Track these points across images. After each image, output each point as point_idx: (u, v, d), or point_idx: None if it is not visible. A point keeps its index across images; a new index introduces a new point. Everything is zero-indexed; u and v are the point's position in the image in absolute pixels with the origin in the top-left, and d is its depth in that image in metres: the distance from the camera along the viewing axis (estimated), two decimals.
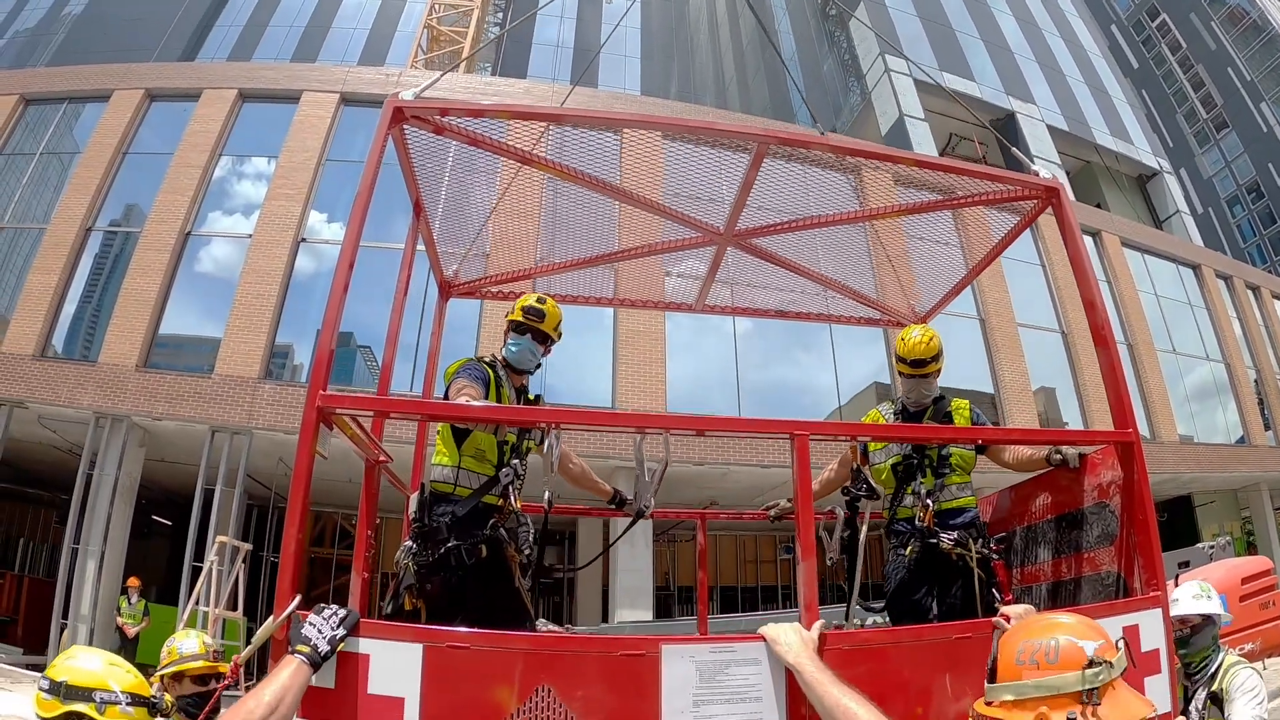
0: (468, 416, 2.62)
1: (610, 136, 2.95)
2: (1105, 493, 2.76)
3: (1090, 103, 26.20)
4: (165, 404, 11.74)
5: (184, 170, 13.51)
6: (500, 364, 3.04)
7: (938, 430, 3.18)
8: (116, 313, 12.45)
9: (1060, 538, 3.04)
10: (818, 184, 3.23)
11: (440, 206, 3.26)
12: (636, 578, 12.09)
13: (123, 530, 12.00)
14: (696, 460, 12.24)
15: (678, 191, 3.32)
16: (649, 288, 4.09)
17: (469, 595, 2.64)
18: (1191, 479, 17.80)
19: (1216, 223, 44.09)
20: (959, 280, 3.83)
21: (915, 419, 3.36)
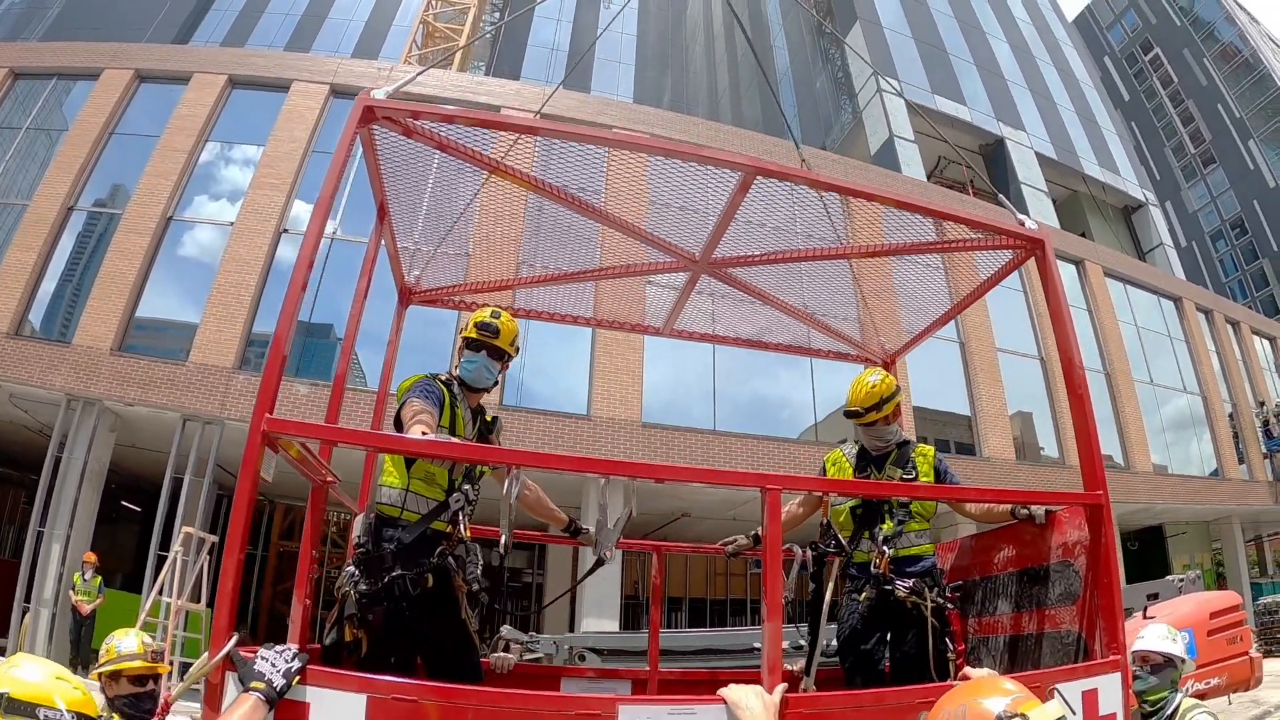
0: (419, 452, 2.46)
1: (598, 151, 2.90)
2: (1070, 552, 2.76)
3: (1080, 132, 26.47)
4: (138, 389, 11.57)
5: (169, 154, 13.37)
6: (456, 382, 2.90)
7: (909, 488, 3.13)
8: (94, 295, 12.28)
9: (1021, 592, 3.03)
10: (801, 206, 3.19)
11: (407, 210, 3.19)
12: (605, 587, 12.05)
13: (89, 515, 11.82)
14: None
15: (667, 201, 3.26)
16: (627, 307, 4.03)
17: (413, 627, 2.52)
18: (1164, 509, 17.97)
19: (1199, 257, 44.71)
20: (932, 321, 3.82)
21: (877, 463, 3.32)
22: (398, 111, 2.41)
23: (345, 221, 12.82)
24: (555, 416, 12.38)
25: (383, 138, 2.64)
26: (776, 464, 13.02)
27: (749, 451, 12.99)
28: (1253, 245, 45.26)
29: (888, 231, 3.20)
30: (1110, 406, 17.97)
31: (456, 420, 2.77)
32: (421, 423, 2.49)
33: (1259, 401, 21.91)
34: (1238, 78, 46.62)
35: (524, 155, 2.86)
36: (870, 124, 22.37)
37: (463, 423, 2.80)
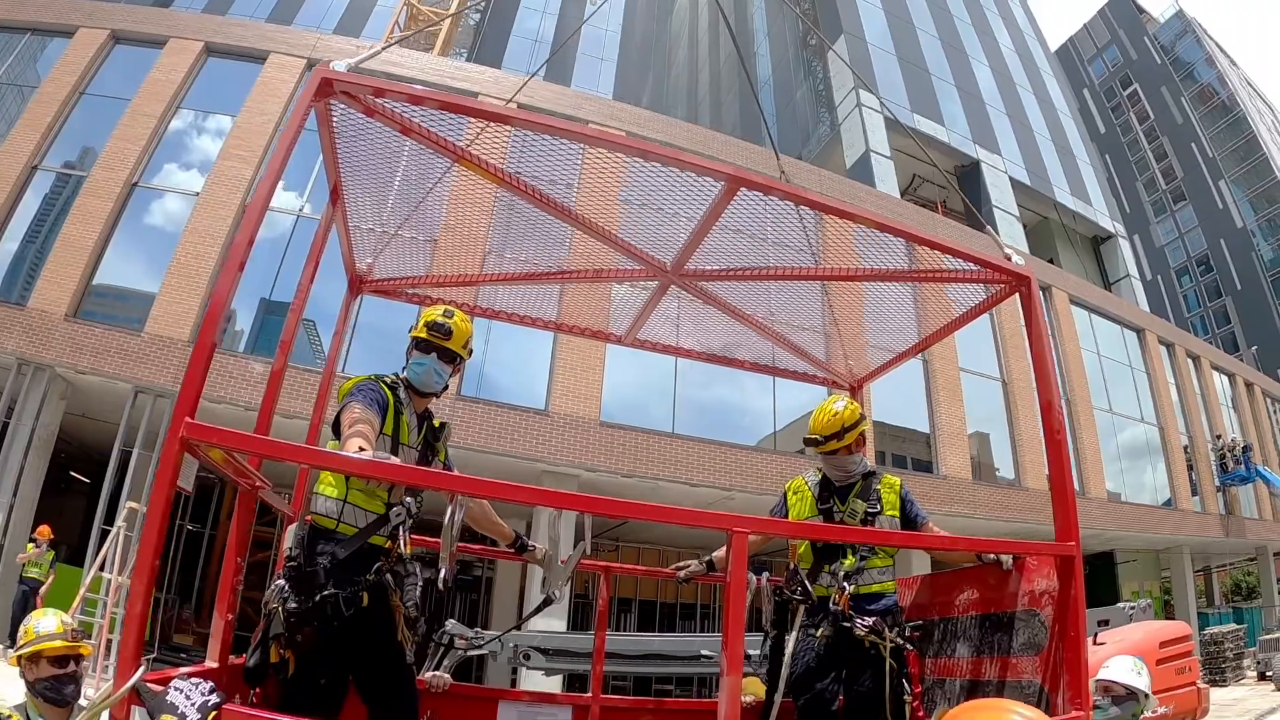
0: (350, 471, 2.21)
1: (573, 145, 2.76)
2: (1037, 601, 2.71)
3: (1054, 160, 26.89)
4: (91, 357, 11.29)
5: (139, 118, 13.05)
6: (402, 384, 2.71)
7: (876, 535, 3.01)
8: (52, 258, 11.97)
9: (982, 637, 2.97)
10: (775, 218, 3.07)
11: (363, 194, 3.05)
12: None
13: (34, 484, 11.52)
14: (625, 472, 12.14)
15: (642, 202, 3.10)
16: (589, 311, 3.93)
17: (344, 649, 2.38)
18: (1116, 536, 18.27)
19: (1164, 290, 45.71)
20: (904, 349, 3.76)
21: (840, 494, 3.19)
22: (358, 87, 2.26)
23: (314, 198, 12.61)
24: (513, 410, 12.26)
25: (343, 115, 2.48)
26: (734, 471, 13.01)
27: (707, 457, 12.96)
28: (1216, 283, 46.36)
29: (862, 253, 3.12)
30: (1070, 432, 18.29)
31: (401, 426, 2.60)
32: (359, 434, 2.30)
33: (1215, 435, 22.38)
34: (1214, 118, 47.76)
35: (496, 146, 2.71)
36: (848, 137, 22.51)
37: (407, 429, 2.63)
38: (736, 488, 12.80)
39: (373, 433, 2.38)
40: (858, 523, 3.07)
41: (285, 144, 2.19)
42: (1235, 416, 24.10)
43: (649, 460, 12.25)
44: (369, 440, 2.30)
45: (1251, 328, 43.09)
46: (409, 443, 2.63)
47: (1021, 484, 16.66)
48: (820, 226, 3.25)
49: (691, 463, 12.43)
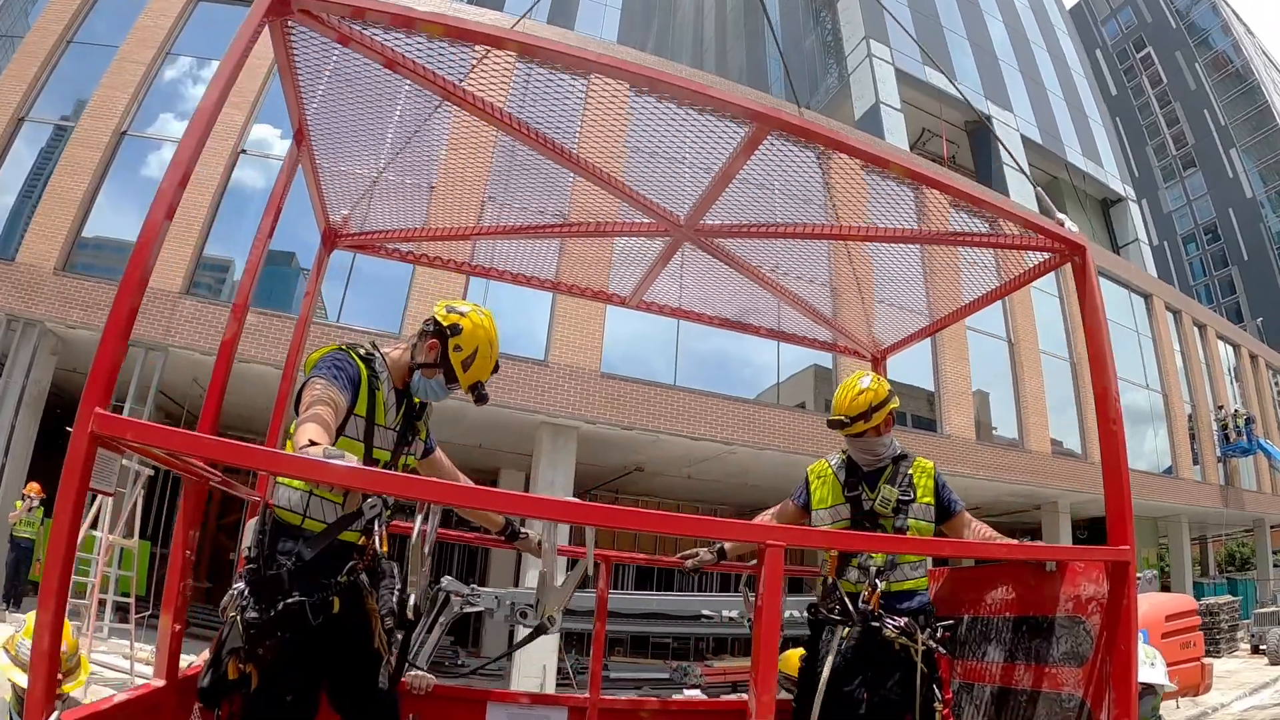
0: (310, 476, 1.82)
1: (577, 84, 2.44)
2: (1083, 607, 2.47)
3: (1066, 119, 26.37)
4: (81, 311, 11.02)
5: (127, 65, 12.61)
6: (379, 355, 2.35)
7: (916, 543, 2.69)
8: (39, 211, 11.66)
9: (1017, 641, 2.73)
10: (792, 170, 2.72)
11: (336, 135, 2.72)
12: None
13: (27, 441, 11.34)
14: (625, 424, 11.95)
15: (653, 150, 2.74)
16: (590, 269, 3.61)
17: (314, 660, 2.09)
18: None
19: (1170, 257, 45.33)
20: (934, 320, 3.47)
21: (869, 480, 2.90)
22: (327, 6, 1.93)
23: None
24: (512, 360, 12.03)
25: (308, 41, 2.16)
26: (736, 425, 12.80)
27: (708, 409, 12.76)
28: (1223, 252, 46.01)
29: (894, 213, 2.80)
30: (1073, 395, 18.13)
31: (377, 405, 2.25)
32: (314, 421, 1.94)
33: (1218, 405, 22.26)
34: (1227, 86, 46.98)
35: (494, 84, 2.37)
36: (857, 89, 22.00)
37: (384, 408, 2.28)
38: (738, 441, 12.63)
39: (333, 416, 2.03)
40: (889, 511, 2.81)
41: (225, 73, 1.85)
42: (1238, 388, 23.95)
43: (650, 412, 12.03)
44: (326, 427, 1.95)
45: (1256, 299, 42.81)
46: (386, 423, 2.29)
47: (1025, 445, 16.53)
48: (828, 185, 2.91)
49: (693, 415, 12.22)
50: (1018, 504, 18.27)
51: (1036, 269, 2.87)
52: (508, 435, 12.82)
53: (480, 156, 2.95)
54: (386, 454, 2.29)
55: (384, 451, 2.28)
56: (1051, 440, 17.25)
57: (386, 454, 2.29)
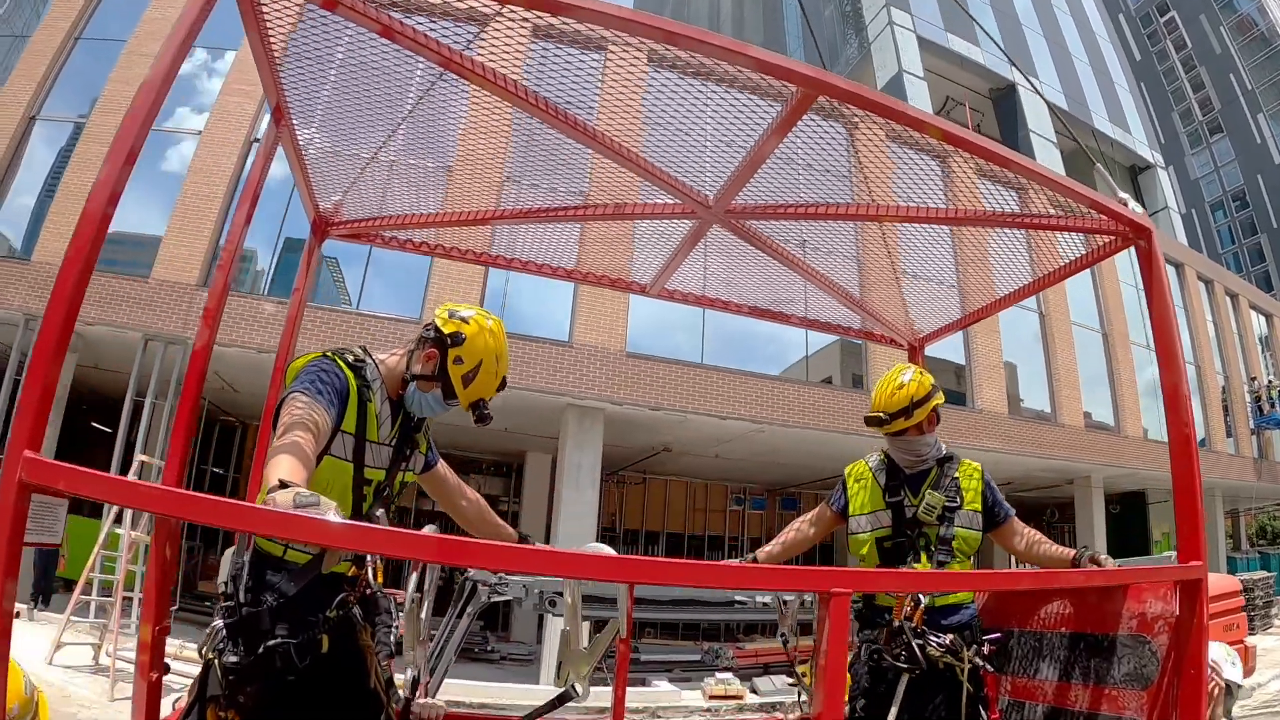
0: (273, 534, 1.61)
1: (590, 59, 2.20)
2: (1148, 626, 2.29)
3: (1092, 85, 25.68)
4: (98, 308, 10.94)
5: (136, 59, 12.48)
6: (371, 362, 2.08)
7: (988, 578, 2.53)
8: (53, 209, 11.61)
9: (1073, 659, 2.53)
10: (822, 150, 2.47)
11: (322, 112, 2.52)
12: (579, 524, 11.67)
13: (50, 440, 11.27)
14: (652, 405, 11.78)
15: (677, 126, 2.49)
16: (609, 254, 3.40)
17: (303, 705, 1.85)
18: (1149, 476, 17.88)
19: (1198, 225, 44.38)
20: (978, 308, 3.27)
21: (911, 484, 2.68)
22: None
23: None
24: (535, 342, 11.85)
25: (279, 5, 1.96)
26: (765, 403, 12.54)
27: (737, 388, 12.55)
28: (1252, 219, 45.03)
29: (924, 191, 2.58)
30: (1105, 367, 17.72)
31: (368, 419, 2.00)
32: (291, 451, 1.65)
33: (1250, 377, 21.80)
34: (1253, 50, 45.83)
35: (501, 55, 2.12)
36: (879, 58, 21.50)
37: (376, 422, 2.02)
38: (767, 420, 12.42)
39: (313, 442, 1.76)
40: (934, 519, 2.60)
41: (171, 49, 1.63)
42: (1271, 359, 23.39)
43: (677, 392, 11.83)
44: (302, 459, 1.66)
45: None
46: (379, 439, 2.04)
47: (1057, 419, 16.18)
48: (857, 159, 2.65)
49: (721, 394, 12.00)
50: (1050, 479, 17.95)
51: (1096, 253, 2.64)
52: (533, 418, 12.70)
53: (489, 133, 2.71)
54: (380, 473, 2.04)
55: (377, 470, 2.03)
56: (1084, 413, 16.88)
57: (380, 473, 2.04)
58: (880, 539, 2.66)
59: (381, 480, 2.05)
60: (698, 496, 19.61)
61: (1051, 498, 21.02)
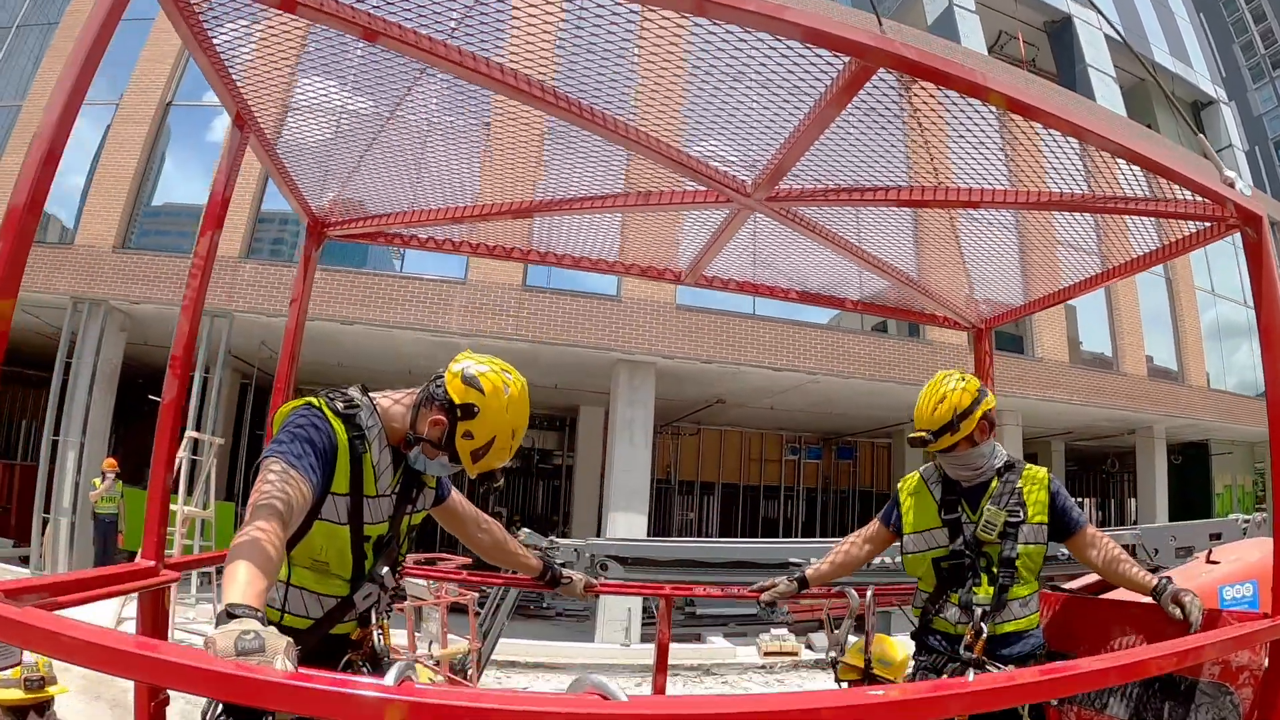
0: (209, 695, 1.40)
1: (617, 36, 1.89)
2: (1233, 676, 2.11)
3: (1151, 17, 24.31)
4: (143, 286, 11.14)
5: (164, 36, 12.44)
6: (366, 406, 1.85)
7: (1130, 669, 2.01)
8: (93, 192, 11.79)
9: (1146, 699, 2.35)
10: (889, 114, 2.18)
11: (300, 109, 2.35)
12: (633, 478, 11.64)
13: (104, 418, 11.61)
14: (705, 358, 11.62)
15: (708, 100, 2.21)
16: (647, 238, 3.18)
17: None
18: (1212, 426, 17.27)
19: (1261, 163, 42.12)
20: (1056, 290, 3.04)
21: (969, 498, 2.45)
22: None
23: None
24: (584, 297, 11.69)
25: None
26: (819, 353, 12.26)
27: (790, 338, 12.31)
28: None
29: (978, 163, 2.25)
30: (1169, 313, 16.98)
31: (364, 475, 1.79)
32: (253, 551, 1.40)
33: None
34: None
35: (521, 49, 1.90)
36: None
37: (373, 476, 1.82)
38: (820, 370, 12.19)
39: (281, 529, 1.50)
40: (995, 537, 2.37)
41: (85, 45, 1.45)
42: None
43: (729, 344, 11.64)
44: (263, 564, 1.39)
45: None
46: (377, 492, 1.84)
47: (1119, 368, 15.59)
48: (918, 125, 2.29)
49: (774, 345, 11.79)
50: (1111, 429, 17.44)
51: (1195, 237, 2.37)
52: (584, 374, 12.68)
53: (507, 122, 2.46)
54: (382, 527, 1.85)
55: (378, 526, 1.84)
56: (1146, 358, 16.24)
57: (382, 527, 1.85)
58: (937, 559, 2.45)
59: (385, 533, 1.86)
60: (753, 447, 19.51)
61: (1113, 447, 20.43)
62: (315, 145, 2.48)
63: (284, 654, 1.12)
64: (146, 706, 1.92)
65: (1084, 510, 25.52)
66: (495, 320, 10.76)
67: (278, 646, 1.13)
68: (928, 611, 2.46)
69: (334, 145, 2.47)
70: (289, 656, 1.13)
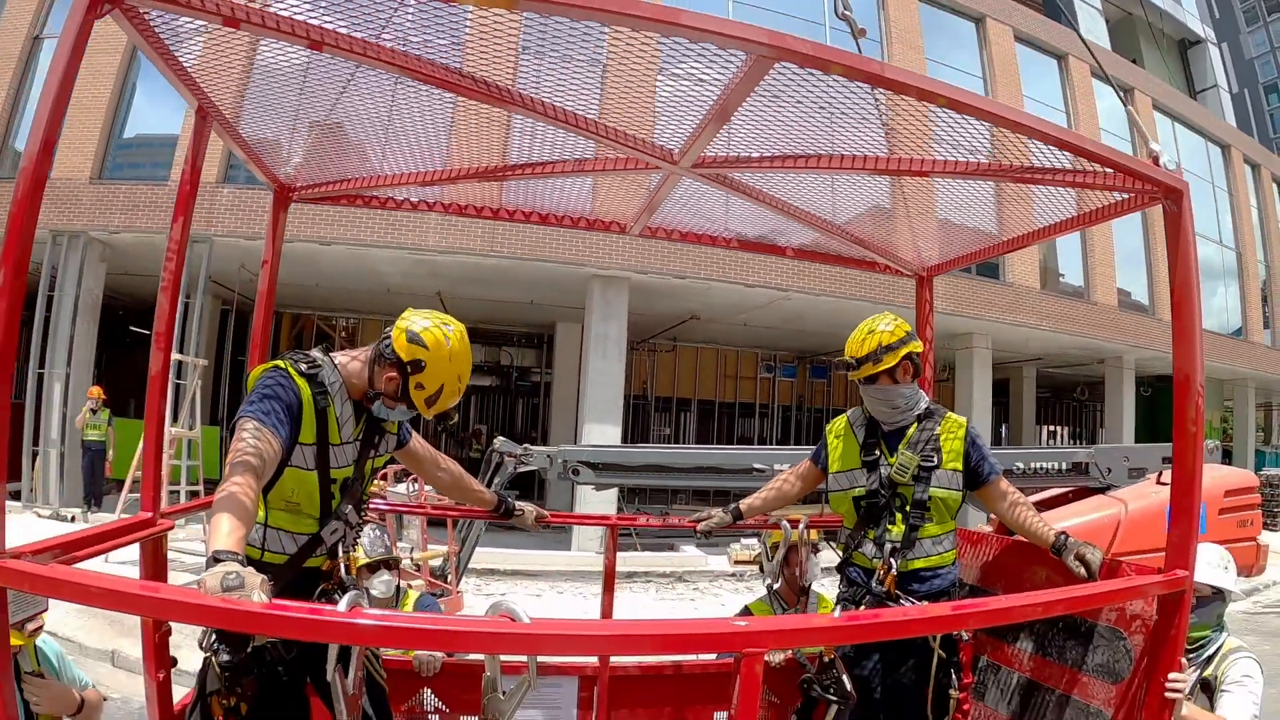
0: (197, 623, 1.62)
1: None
2: (1126, 623, 2.24)
3: None
4: (121, 215, 11.16)
5: None
6: (328, 363, 2.13)
7: (953, 619, 2.19)
8: (68, 124, 11.53)
9: (1050, 636, 2.52)
10: (810, 89, 2.23)
11: (257, 90, 2.46)
12: (607, 392, 11.78)
13: (88, 350, 11.74)
14: (678, 273, 11.69)
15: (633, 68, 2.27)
16: (583, 197, 3.30)
17: (297, 686, 2.10)
18: None
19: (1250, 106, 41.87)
20: (994, 244, 3.15)
21: (889, 440, 2.61)
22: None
23: None
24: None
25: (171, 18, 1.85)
26: (790, 271, 12.13)
27: (761, 255, 12.06)
28: None
29: (952, 130, 2.32)
30: (1143, 246, 17.20)
31: (329, 426, 2.07)
32: (233, 505, 1.69)
33: None
34: None
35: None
36: None
37: (337, 426, 2.10)
38: (793, 288, 12.23)
39: (257, 481, 1.80)
40: (908, 479, 2.52)
41: (57, 77, 1.54)
42: None
43: (702, 260, 11.63)
44: (242, 514, 1.69)
45: None
46: (340, 440, 2.12)
47: (1090, 296, 15.86)
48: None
49: (746, 262, 11.73)
50: (1081, 357, 17.77)
51: (1122, 205, 2.44)
52: (559, 290, 12.70)
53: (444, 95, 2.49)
54: (348, 470, 2.15)
55: (344, 470, 2.13)
56: (1119, 291, 16.48)
57: (348, 470, 2.15)
58: (857, 498, 2.64)
59: (350, 475, 2.15)
60: (728, 364, 19.55)
61: (1083, 375, 20.79)
62: (277, 112, 2.57)
63: (259, 588, 1.40)
64: (152, 636, 2.18)
65: (1057, 438, 26.04)
66: (471, 238, 10.80)
67: (254, 583, 1.41)
68: (849, 546, 2.66)
69: (297, 110, 2.56)
70: (264, 590, 1.41)
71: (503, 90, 2.11)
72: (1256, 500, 7.38)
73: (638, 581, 10.16)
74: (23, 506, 10.89)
